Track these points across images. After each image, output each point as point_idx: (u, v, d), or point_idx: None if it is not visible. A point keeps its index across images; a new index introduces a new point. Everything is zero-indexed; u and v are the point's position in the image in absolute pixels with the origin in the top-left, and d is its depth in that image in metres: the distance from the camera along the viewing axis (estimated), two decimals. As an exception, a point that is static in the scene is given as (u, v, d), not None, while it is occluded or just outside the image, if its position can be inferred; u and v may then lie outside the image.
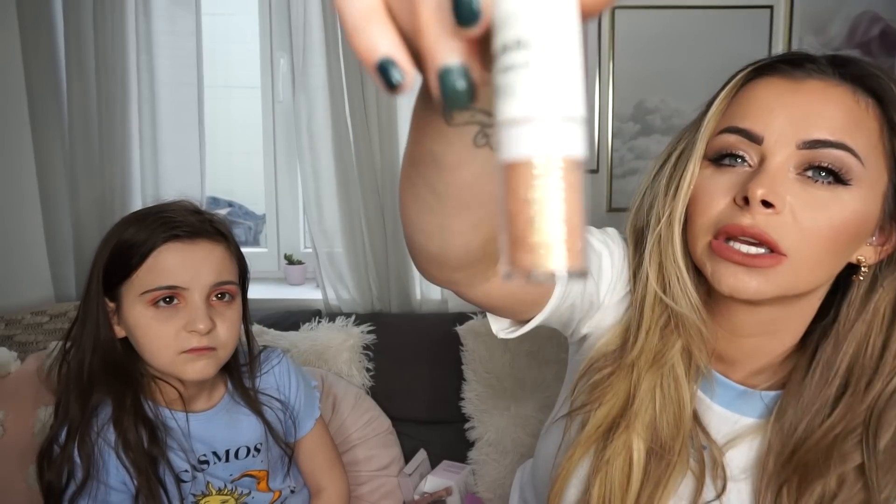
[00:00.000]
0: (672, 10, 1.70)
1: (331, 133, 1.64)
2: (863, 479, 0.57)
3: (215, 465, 0.97)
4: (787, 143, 0.56)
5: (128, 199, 1.66)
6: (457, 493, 1.40)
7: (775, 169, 0.55)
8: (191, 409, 0.95)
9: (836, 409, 0.59)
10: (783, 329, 0.63)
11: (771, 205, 0.54)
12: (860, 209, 0.56)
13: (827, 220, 0.55)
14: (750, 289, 0.56)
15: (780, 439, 0.61)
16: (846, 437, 0.58)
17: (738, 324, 0.63)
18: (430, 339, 1.56)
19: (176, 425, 0.93)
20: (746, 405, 0.65)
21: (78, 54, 1.60)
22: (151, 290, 0.86)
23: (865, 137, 0.56)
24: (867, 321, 0.59)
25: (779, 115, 0.56)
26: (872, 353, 0.59)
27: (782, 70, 0.59)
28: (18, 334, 1.54)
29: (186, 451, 0.94)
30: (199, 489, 0.96)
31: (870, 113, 0.56)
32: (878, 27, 1.74)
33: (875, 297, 0.59)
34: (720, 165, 0.59)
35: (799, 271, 0.56)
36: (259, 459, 1.01)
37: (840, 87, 0.57)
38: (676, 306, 0.62)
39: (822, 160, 0.55)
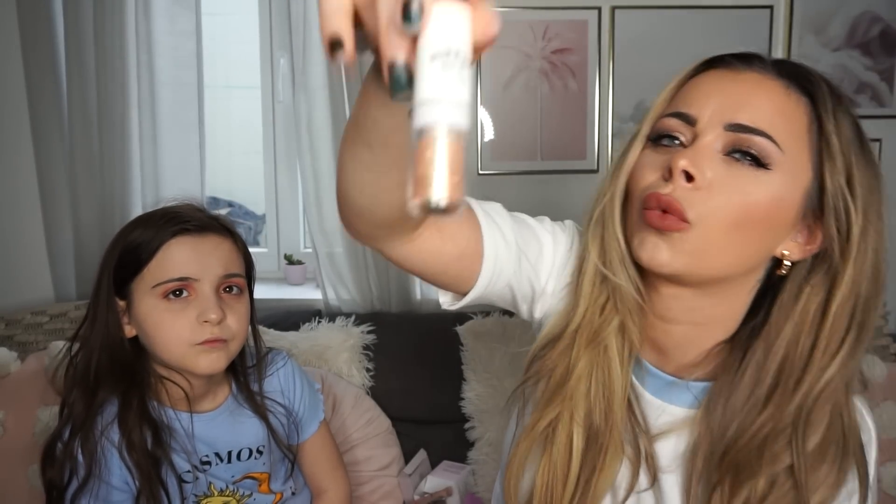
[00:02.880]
0: (672, 10, 1.70)
1: (331, 133, 1.64)
2: (793, 480, 0.58)
3: (217, 466, 0.97)
4: (716, 124, 0.59)
5: (128, 199, 1.66)
6: (457, 493, 1.40)
7: (701, 146, 0.59)
8: (195, 409, 0.95)
9: (766, 409, 0.60)
10: (711, 320, 0.65)
11: (691, 178, 0.58)
12: (775, 192, 0.58)
13: (741, 198, 0.58)
14: (661, 257, 0.59)
15: (710, 438, 0.63)
16: (776, 438, 0.59)
17: (666, 308, 0.65)
18: (430, 339, 1.56)
19: (179, 426, 0.93)
20: (675, 395, 0.66)
21: (78, 54, 1.60)
22: (163, 283, 0.87)
23: (790, 129, 0.59)
24: (796, 322, 0.60)
25: (714, 99, 0.60)
26: (801, 354, 0.60)
27: (728, 63, 0.63)
28: (18, 334, 1.54)
29: (189, 451, 0.94)
30: (201, 490, 0.96)
31: (799, 108, 0.60)
32: (878, 27, 1.74)
33: (803, 298, 0.61)
34: (658, 145, 0.63)
35: (705, 243, 0.58)
36: (261, 462, 1.01)
37: (775, 80, 0.60)
38: (615, 278, 0.65)
39: (744, 144, 0.58)
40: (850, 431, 0.61)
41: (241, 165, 2.44)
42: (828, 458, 0.59)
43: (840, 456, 0.59)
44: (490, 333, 1.51)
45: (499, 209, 0.71)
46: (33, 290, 1.72)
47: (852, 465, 0.60)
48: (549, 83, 1.74)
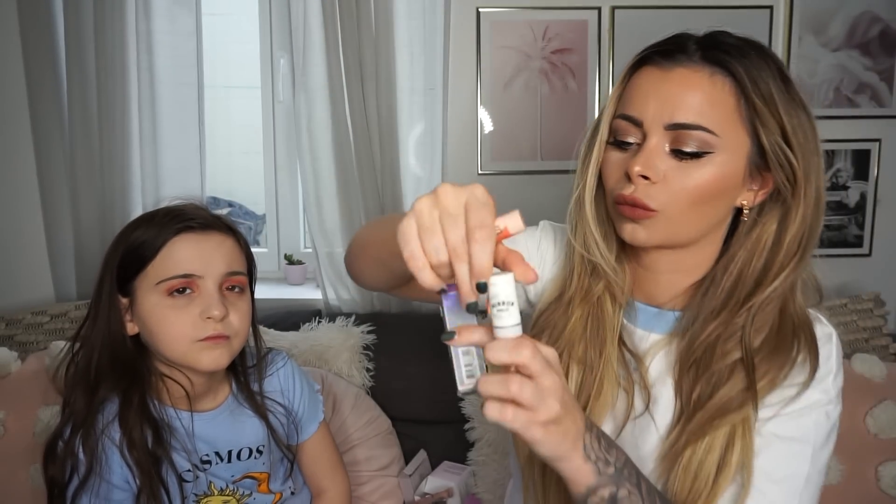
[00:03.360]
0: (672, 10, 1.70)
1: (331, 133, 1.64)
2: (744, 369, 0.70)
3: (217, 466, 0.97)
4: (658, 125, 0.69)
5: (128, 199, 1.66)
6: (457, 494, 1.40)
7: (650, 148, 0.69)
8: (196, 408, 0.96)
9: (719, 317, 0.72)
10: (691, 267, 0.77)
11: (646, 176, 0.69)
12: (719, 172, 0.69)
13: (692, 182, 0.69)
14: (640, 237, 0.72)
15: (682, 350, 0.75)
16: (728, 339, 0.71)
17: (653, 263, 0.78)
18: (430, 339, 1.56)
19: (180, 425, 0.93)
20: (659, 323, 0.78)
21: (78, 54, 1.60)
22: (167, 280, 0.88)
23: (721, 113, 0.68)
24: (749, 248, 0.72)
25: (652, 101, 0.69)
26: (753, 273, 0.72)
27: (656, 60, 0.71)
28: (18, 334, 1.54)
29: (189, 450, 0.94)
30: (201, 489, 0.96)
31: (725, 90, 0.68)
32: (878, 27, 1.74)
33: (757, 230, 0.73)
34: (618, 146, 0.73)
35: (673, 222, 0.71)
36: (261, 461, 1.01)
37: (700, 72, 0.68)
38: (590, 256, 0.78)
39: (684, 140, 0.68)
40: (800, 326, 0.72)
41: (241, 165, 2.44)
42: (776, 349, 0.70)
43: (789, 345, 0.71)
44: (490, 333, 1.51)
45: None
46: (33, 290, 1.72)
47: (802, 350, 0.71)
48: (549, 83, 1.74)
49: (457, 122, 1.73)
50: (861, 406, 1.36)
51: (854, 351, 1.52)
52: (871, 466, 1.34)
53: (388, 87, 1.62)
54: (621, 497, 0.59)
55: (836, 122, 1.77)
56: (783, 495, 0.69)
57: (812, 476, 0.70)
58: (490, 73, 1.73)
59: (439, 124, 1.67)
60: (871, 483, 1.34)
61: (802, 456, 0.70)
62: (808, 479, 0.69)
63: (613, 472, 0.58)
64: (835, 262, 1.81)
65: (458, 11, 1.69)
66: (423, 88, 1.66)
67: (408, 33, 1.63)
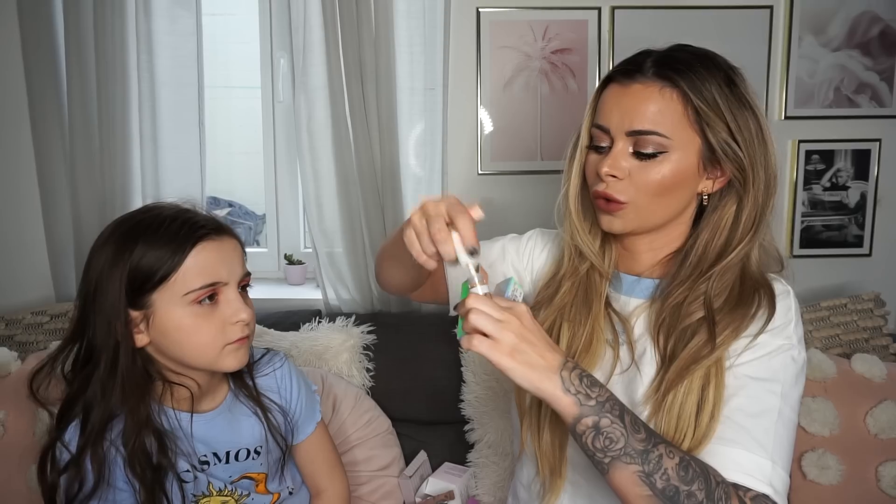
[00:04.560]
0: (672, 10, 1.70)
1: (331, 133, 1.64)
2: (707, 327, 0.82)
3: (215, 466, 0.97)
4: (621, 132, 0.84)
5: (128, 199, 1.66)
6: (458, 496, 1.40)
7: (616, 152, 0.85)
8: (196, 409, 0.96)
9: (685, 284, 0.86)
10: (665, 244, 0.92)
11: (614, 175, 0.84)
12: (675, 167, 0.83)
13: (652, 177, 0.83)
14: (615, 226, 0.88)
15: (657, 309, 0.88)
16: (693, 301, 0.85)
17: (631, 244, 0.93)
18: (430, 339, 1.56)
19: (179, 426, 0.94)
20: (639, 289, 0.93)
21: (78, 54, 1.60)
22: (195, 290, 0.87)
23: (671, 119, 0.82)
24: (711, 228, 0.87)
25: (615, 113, 0.84)
26: (716, 248, 0.86)
27: (618, 78, 0.85)
28: (18, 334, 1.54)
29: (188, 452, 0.94)
30: (199, 490, 0.96)
31: (674, 100, 0.82)
32: (878, 27, 1.74)
33: (718, 212, 0.87)
34: (596, 149, 0.88)
35: (640, 211, 0.86)
36: (258, 462, 1.01)
37: (652, 86, 0.82)
38: (576, 243, 0.95)
39: (642, 143, 0.83)
40: (759, 285, 0.85)
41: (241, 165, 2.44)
42: (737, 305, 0.83)
43: (749, 301, 0.83)
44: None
45: None
46: (33, 289, 1.72)
47: (762, 306, 0.83)
48: (549, 83, 1.74)
49: (457, 122, 1.73)
50: (861, 406, 1.36)
51: (854, 351, 1.52)
52: (872, 466, 1.34)
53: (388, 87, 1.62)
54: (604, 425, 0.70)
55: (836, 122, 1.77)
56: (759, 427, 0.78)
57: (784, 411, 0.80)
58: (490, 73, 1.73)
59: (439, 124, 1.67)
60: (872, 483, 1.34)
61: (773, 393, 0.80)
62: (781, 414, 0.79)
63: (595, 404, 0.70)
64: (835, 262, 1.81)
65: (458, 11, 1.69)
66: (423, 88, 1.66)
67: (408, 33, 1.63)
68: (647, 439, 0.71)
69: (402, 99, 1.65)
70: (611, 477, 0.71)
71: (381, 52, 1.60)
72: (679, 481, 0.70)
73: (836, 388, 1.37)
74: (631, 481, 0.70)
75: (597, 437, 0.70)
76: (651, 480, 0.70)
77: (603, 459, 0.71)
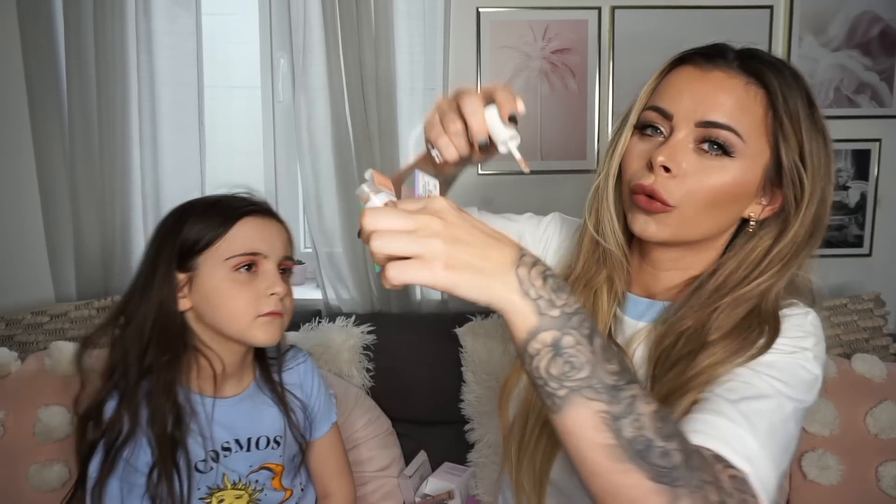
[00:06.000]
0: (672, 10, 1.70)
1: (331, 133, 1.64)
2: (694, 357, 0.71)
3: (237, 454, 0.99)
4: (688, 121, 0.72)
5: (128, 199, 1.66)
6: (458, 496, 1.40)
7: (677, 141, 0.72)
8: (219, 393, 0.99)
9: (695, 314, 0.75)
10: (692, 265, 0.80)
11: (668, 169, 0.72)
12: (739, 176, 0.72)
13: (710, 182, 0.72)
14: (650, 230, 0.75)
15: (658, 334, 0.78)
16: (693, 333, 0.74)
17: (657, 260, 0.81)
18: (430, 339, 1.56)
19: (202, 410, 0.96)
20: (647, 313, 0.82)
21: (78, 54, 1.60)
22: (236, 256, 0.94)
23: (750, 120, 0.71)
24: (739, 259, 0.76)
25: (686, 98, 0.73)
26: (735, 280, 0.75)
27: (696, 61, 0.74)
28: (18, 334, 1.54)
29: (206, 437, 0.96)
30: (214, 482, 0.97)
31: (757, 100, 0.72)
32: (878, 27, 1.74)
33: (752, 242, 0.76)
34: (643, 135, 0.76)
35: (685, 220, 0.74)
36: (277, 453, 1.03)
37: (736, 78, 0.72)
38: (605, 243, 0.82)
39: (712, 136, 0.71)
40: (767, 321, 0.72)
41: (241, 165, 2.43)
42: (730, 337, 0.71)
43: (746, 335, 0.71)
44: (489, 335, 1.51)
45: (473, 211, 0.91)
46: (33, 290, 1.72)
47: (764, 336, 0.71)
48: (549, 83, 1.74)
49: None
50: (861, 406, 1.36)
51: (854, 351, 1.52)
52: (872, 466, 1.34)
53: (388, 87, 1.62)
54: (566, 345, 0.51)
55: (836, 122, 1.77)
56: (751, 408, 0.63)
57: (785, 407, 0.65)
58: (490, 73, 1.73)
59: (439, 124, 1.67)
60: (872, 483, 1.34)
61: (777, 381, 0.67)
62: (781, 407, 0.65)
63: (559, 315, 0.51)
64: (835, 262, 1.81)
65: (458, 11, 1.69)
66: (423, 88, 1.66)
67: (408, 33, 1.63)
68: (620, 374, 0.52)
69: (402, 99, 1.65)
70: (563, 417, 0.51)
71: (381, 52, 1.60)
72: (655, 433, 0.51)
73: (837, 388, 1.37)
74: (590, 423, 0.51)
75: (554, 359, 0.51)
76: (618, 426, 0.50)
77: (556, 391, 0.51)
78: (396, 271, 0.50)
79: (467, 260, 0.51)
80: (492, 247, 0.52)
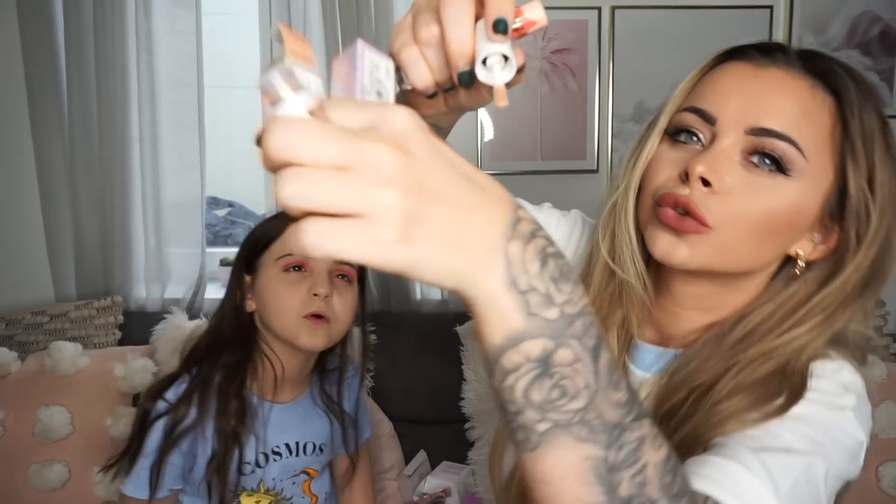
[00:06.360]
0: (672, 10, 1.70)
1: (331, 133, 1.64)
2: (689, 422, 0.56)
3: (287, 459, 1.01)
4: (736, 126, 0.57)
5: (128, 199, 1.66)
6: (456, 493, 1.40)
7: (720, 150, 0.57)
8: (276, 398, 1.02)
9: (709, 369, 0.59)
10: (719, 306, 0.64)
11: (708, 183, 0.56)
12: (796, 201, 0.57)
13: (760, 205, 0.57)
14: (678, 255, 0.58)
15: (661, 388, 0.62)
16: (703, 392, 0.57)
17: (679, 296, 0.64)
18: (430, 339, 1.56)
19: (260, 412, 0.99)
20: (656, 363, 0.65)
21: (78, 54, 1.60)
22: (286, 255, 0.97)
23: (814, 132, 0.57)
24: (774, 304, 0.60)
25: (735, 99, 0.58)
26: (764, 330, 0.59)
27: (750, 55, 0.60)
28: (18, 334, 1.54)
29: (259, 439, 0.98)
30: (250, 485, 0.99)
31: (825, 109, 0.57)
32: (878, 27, 1.74)
33: (793, 288, 0.60)
34: (676, 141, 0.61)
35: (723, 246, 0.58)
36: (319, 459, 1.05)
37: (800, 79, 0.58)
38: (623, 274, 0.64)
39: (767, 147, 0.56)
40: (790, 376, 0.56)
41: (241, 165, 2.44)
42: (749, 391, 0.55)
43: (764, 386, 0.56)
44: (490, 333, 1.51)
45: None
46: (33, 290, 1.72)
47: (781, 392, 0.55)
48: (549, 83, 1.74)
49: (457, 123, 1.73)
50: (861, 406, 1.36)
51: (854, 351, 1.51)
52: (872, 466, 1.34)
53: (388, 87, 1.62)
54: (559, 362, 0.36)
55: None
56: (776, 461, 0.50)
57: (816, 469, 0.51)
58: (490, 73, 1.73)
59: (439, 124, 1.67)
60: (872, 483, 1.34)
61: (809, 439, 0.52)
62: (811, 468, 0.51)
63: (557, 317, 0.36)
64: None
65: (458, 11, 1.68)
66: (423, 88, 1.66)
67: (408, 33, 1.63)
68: (628, 405, 0.38)
69: (402, 99, 1.65)
70: (538, 458, 0.37)
71: (381, 52, 1.60)
72: (660, 492, 0.39)
73: (836, 388, 1.37)
74: (574, 472, 0.37)
75: (539, 380, 0.36)
76: (613, 480, 0.37)
77: (534, 424, 0.36)
78: (318, 237, 0.31)
79: (437, 226, 0.32)
80: (477, 205, 0.35)
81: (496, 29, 0.40)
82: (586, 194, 1.75)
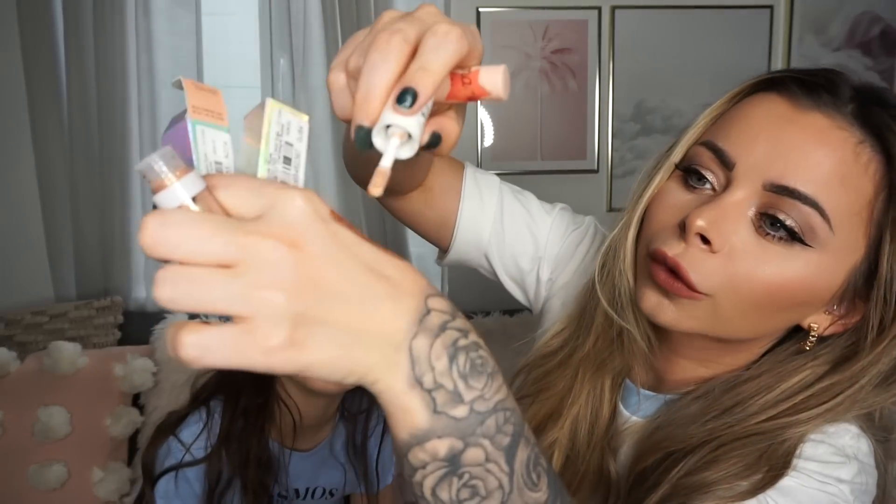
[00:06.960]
0: (672, 10, 1.70)
1: (331, 133, 1.64)
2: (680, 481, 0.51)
3: (296, 500, 1.00)
4: (756, 178, 0.48)
5: (128, 199, 1.66)
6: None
7: (731, 203, 0.48)
8: (296, 445, 0.98)
9: (697, 423, 0.52)
10: (718, 361, 0.56)
11: (707, 239, 0.48)
12: (811, 274, 0.48)
13: (767, 277, 0.48)
14: (666, 316, 0.51)
15: (642, 439, 0.57)
16: (681, 457, 0.51)
17: (676, 344, 0.58)
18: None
19: (279, 457, 0.96)
20: (646, 407, 0.59)
21: (78, 54, 1.60)
22: None
23: (849, 199, 0.47)
24: (775, 377, 0.52)
25: (762, 143, 0.48)
26: (757, 407, 0.51)
27: (791, 91, 0.50)
28: (18, 334, 1.54)
29: (281, 482, 0.95)
30: None
31: (868, 172, 0.47)
32: (878, 27, 1.74)
33: (801, 360, 0.52)
34: (686, 184, 0.53)
35: (720, 316, 0.50)
36: (329, 501, 1.04)
37: (846, 130, 0.47)
38: (623, 323, 0.57)
39: (784, 208, 0.47)
40: (773, 456, 0.49)
41: (241, 165, 2.44)
42: (728, 467, 0.49)
43: (742, 460, 0.49)
44: (490, 333, 1.51)
45: (492, 184, 0.72)
46: (33, 290, 1.72)
47: (759, 470, 0.49)
48: (549, 83, 1.74)
49: (457, 122, 1.73)
50: (861, 406, 1.36)
51: (854, 351, 1.51)
52: None
53: (387, 87, 1.62)
54: (468, 462, 0.33)
55: (836, 122, 1.77)
56: None
57: None
58: (490, 73, 1.73)
59: (439, 124, 1.67)
60: (872, 483, 1.34)
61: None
62: None
63: (465, 415, 0.33)
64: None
65: (458, 11, 1.68)
66: (423, 88, 1.66)
67: (408, 33, 1.63)
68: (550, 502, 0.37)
69: (401, 99, 1.65)
70: None
71: (381, 52, 1.60)
72: None
73: (837, 388, 1.37)
74: None
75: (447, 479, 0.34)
76: None
77: None
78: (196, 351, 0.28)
79: (332, 327, 0.30)
80: (381, 299, 0.31)
81: (399, 101, 0.34)
82: (586, 194, 1.75)
